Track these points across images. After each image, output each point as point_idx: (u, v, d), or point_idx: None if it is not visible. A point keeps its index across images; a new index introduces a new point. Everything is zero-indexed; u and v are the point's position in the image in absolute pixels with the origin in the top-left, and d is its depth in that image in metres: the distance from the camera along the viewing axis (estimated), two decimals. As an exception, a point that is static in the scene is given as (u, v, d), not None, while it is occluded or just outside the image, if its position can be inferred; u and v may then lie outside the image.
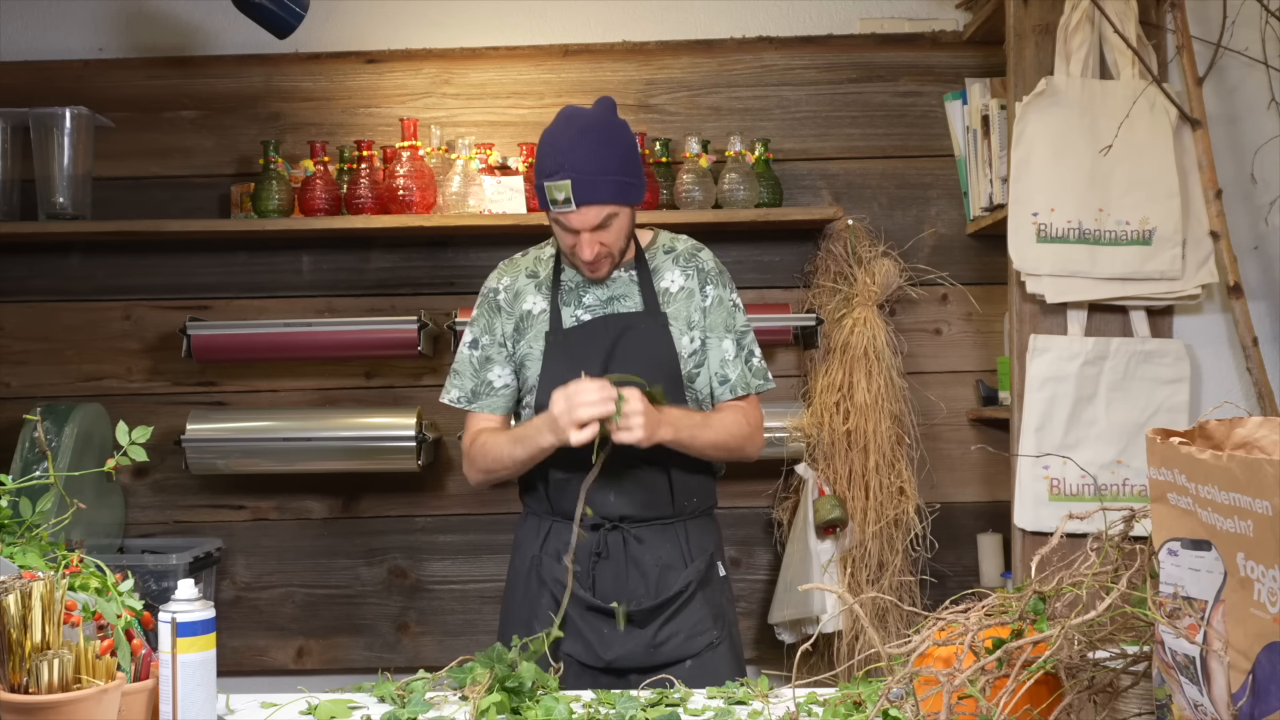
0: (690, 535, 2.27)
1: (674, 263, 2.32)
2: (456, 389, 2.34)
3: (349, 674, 3.49)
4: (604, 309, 2.28)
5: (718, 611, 2.27)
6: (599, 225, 2.17)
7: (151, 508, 3.53)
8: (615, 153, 2.18)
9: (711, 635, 2.23)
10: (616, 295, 2.29)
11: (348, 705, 1.70)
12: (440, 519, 3.53)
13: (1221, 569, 1.20)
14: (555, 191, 2.14)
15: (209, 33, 3.54)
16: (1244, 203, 2.90)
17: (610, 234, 2.20)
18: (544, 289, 2.32)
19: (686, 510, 2.28)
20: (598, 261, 2.22)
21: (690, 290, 2.30)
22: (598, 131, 2.19)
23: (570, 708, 1.63)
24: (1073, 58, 2.86)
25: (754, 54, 3.51)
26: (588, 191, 2.14)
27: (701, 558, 2.27)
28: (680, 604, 2.23)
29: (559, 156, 2.15)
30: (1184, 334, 2.91)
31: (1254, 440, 1.29)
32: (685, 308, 2.29)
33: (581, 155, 2.14)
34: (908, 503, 3.32)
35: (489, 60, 3.53)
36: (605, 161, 2.16)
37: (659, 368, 2.23)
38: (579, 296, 2.30)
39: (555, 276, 2.32)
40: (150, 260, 3.52)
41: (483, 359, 2.33)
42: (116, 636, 1.49)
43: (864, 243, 3.42)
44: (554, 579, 2.23)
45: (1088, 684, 1.38)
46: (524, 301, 2.32)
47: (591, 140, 2.16)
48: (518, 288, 2.33)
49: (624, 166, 2.19)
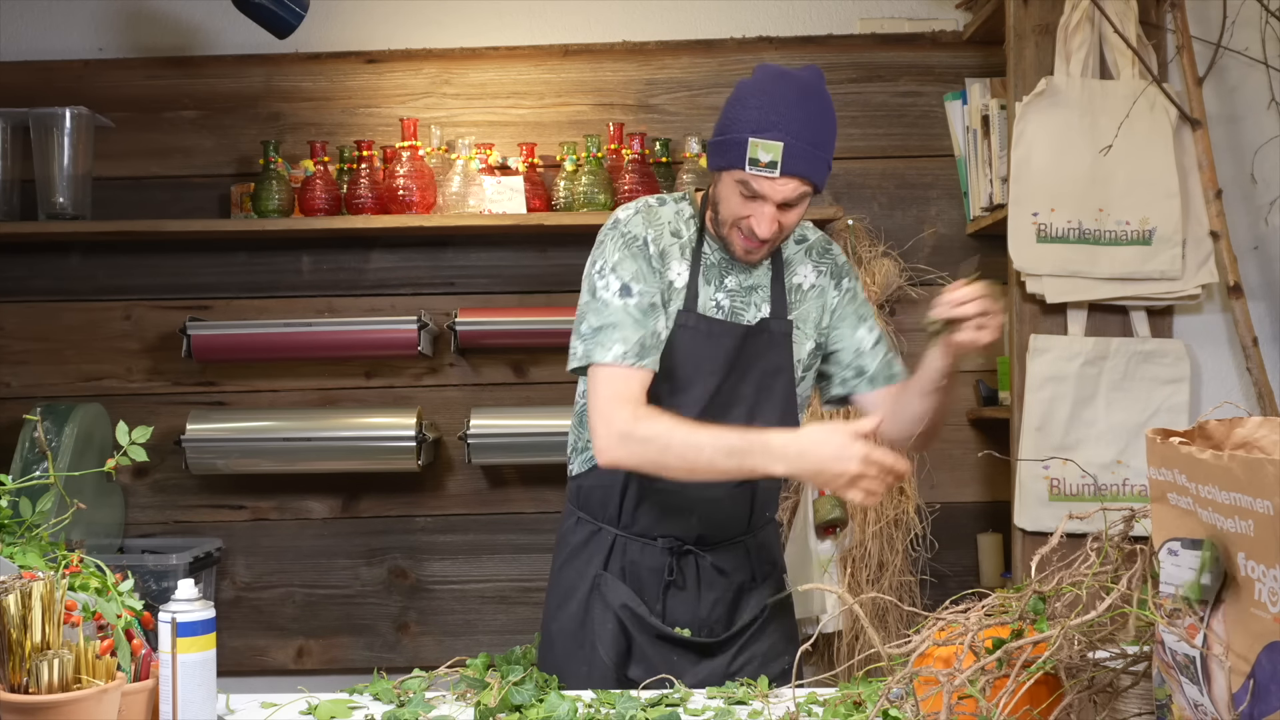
0: (760, 549, 2.12)
1: (807, 255, 2.12)
2: (619, 343, 1.93)
3: (349, 674, 3.49)
4: (743, 298, 2.05)
5: (791, 632, 2.13)
6: (788, 202, 1.93)
7: (151, 508, 3.53)
8: (830, 129, 1.95)
9: (786, 661, 2.05)
10: (756, 285, 2.06)
11: (348, 705, 1.70)
12: (440, 519, 3.53)
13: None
14: (762, 151, 1.88)
15: (209, 33, 3.54)
16: (1244, 203, 2.90)
17: (792, 216, 1.96)
18: (687, 255, 2.04)
19: (759, 524, 2.12)
20: (770, 241, 1.97)
21: (822, 288, 2.10)
22: (820, 100, 1.94)
23: (574, 706, 1.63)
24: (1073, 58, 2.86)
25: (754, 54, 3.51)
26: (798, 162, 1.89)
27: (772, 576, 2.12)
28: (755, 629, 2.07)
29: (777, 112, 1.89)
30: (1184, 334, 2.91)
31: (1254, 440, 1.29)
32: (815, 308, 2.09)
33: (801, 120, 1.90)
34: (908, 503, 3.32)
35: (489, 60, 3.53)
36: (822, 134, 1.93)
37: (773, 383, 2.04)
38: (720, 276, 2.05)
39: (698, 245, 2.05)
40: (150, 260, 3.52)
41: (644, 306, 1.97)
42: (116, 636, 1.49)
43: (864, 243, 3.42)
44: (621, 604, 2.03)
45: (1088, 684, 1.38)
46: (669, 266, 2.02)
47: (813, 107, 1.92)
48: (664, 245, 2.03)
49: (832, 146, 1.96)
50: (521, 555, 3.50)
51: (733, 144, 1.91)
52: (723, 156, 1.94)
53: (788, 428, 1.95)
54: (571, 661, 2.04)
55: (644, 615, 2.02)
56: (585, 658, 2.04)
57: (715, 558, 2.06)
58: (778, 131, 1.88)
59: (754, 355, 2.03)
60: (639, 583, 2.05)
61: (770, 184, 1.91)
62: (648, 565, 2.05)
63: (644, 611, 2.02)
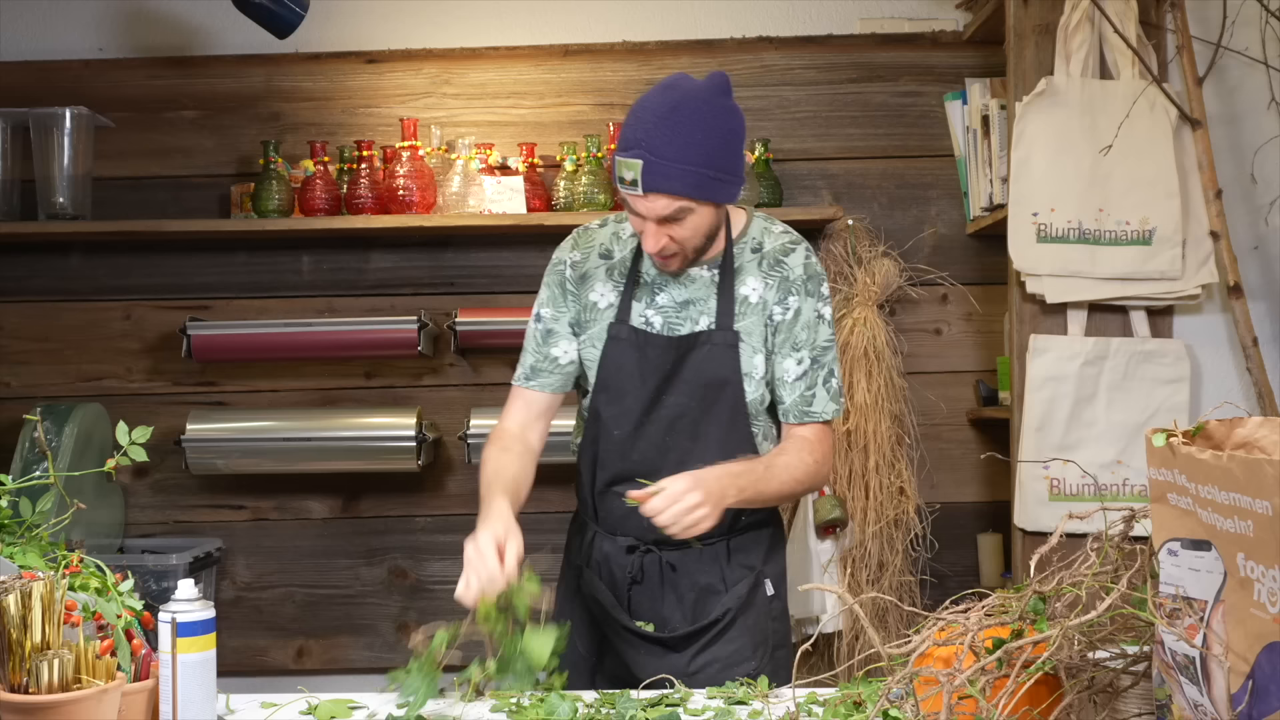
0: (733, 554, 2.08)
1: (758, 266, 2.06)
2: (520, 365, 2.12)
3: (349, 674, 3.50)
4: (678, 313, 2.05)
5: (760, 638, 2.08)
6: (668, 218, 1.91)
7: (151, 508, 3.53)
8: (704, 140, 1.88)
9: (749, 666, 2.02)
10: (694, 299, 2.05)
11: (348, 705, 1.70)
12: (440, 519, 3.53)
13: (1221, 569, 1.20)
14: (624, 169, 1.88)
15: (209, 33, 3.54)
16: (1244, 203, 2.90)
17: (682, 230, 1.93)
18: (616, 276, 2.08)
19: (735, 528, 2.08)
20: (666, 255, 1.97)
21: (765, 303, 2.04)
22: (692, 111, 1.88)
23: (575, 706, 1.63)
24: (1073, 58, 2.86)
25: (754, 54, 3.51)
26: (658, 178, 1.87)
27: (745, 579, 2.08)
28: (717, 632, 2.05)
29: (637, 130, 1.88)
30: (1184, 334, 2.90)
31: (1254, 440, 1.29)
32: (759, 323, 2.04)
33: (663, 135, 1.86)
34: (908, 503, 3.32)
35: (489, 60, 3.53)
36: (688, 149, 1.87)
37: (718, 394, 2.02)
38: (653, 292, 2.06)
39: (634, 264, 2.08)
40: (150, 260, 3.52)
41: (545, 332, 2.10)
42: (116, 636, 1.49)
43: (864, 243, 3.42)
44: (592, 597, 2.10)
45: (1088, 684, 1.38)
46: (591, 289, 2.08)
47: (681, 119, 1.87)
48: (586, 269, 2.10)
49: (710, 159, 1.89)
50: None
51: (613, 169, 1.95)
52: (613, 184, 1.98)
53: (739, 438, 2.02)
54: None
55: (609, 608, 2.08)
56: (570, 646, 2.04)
57: (676, 558, 2.07)
58: (637, 149, 1.87)
59: (694, 367, 2.02)
60: (610, 577, 2.11)
61: (639, 201, 1.90)
62: (616, 561, 2.10)
63: (610, 604, 2.08)
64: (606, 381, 2.05)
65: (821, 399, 2.06)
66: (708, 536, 2.00)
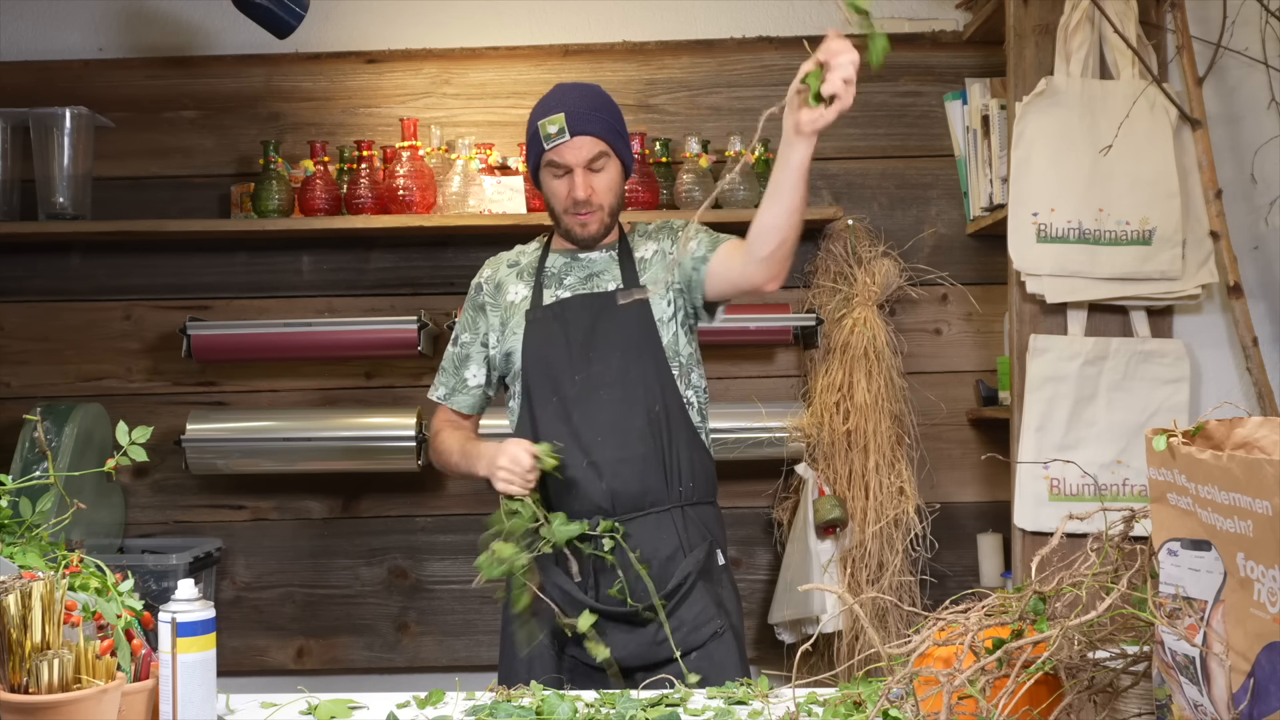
0: (688, 523, 2.22)
1: (645, 238, 2.35)
2: (441, 385, 2.42)
3: (349, 674, 3.50)
4: (584, 287, 2.29)
5: (718, 600, 2.22)
6: (591, 162, 2.22)
7: (151, 508, 3.53)
8: (607, 105, 2.28)
9: (715, 625, 2.19)
10: (596, 273, 2.30)
11: (348, 705, 1.70)
12: (440, 519, 3.54)
13: (1221, 569, 1.20)
14: (549, 126, 2.21)
15: (209, 33, 3.54)
16: (1244, 203, 2.90)
17: (601, 180, 2.25)
18: (525, 275, 2.34)
19: (683, 497, 2.22)
20: (590, 209, 2.25)
21: (661, 249, 2.32)
22: (588, 88, 2.31)
23: (575, 707, 1.63)
24: (1073, 58, 2.86)
25: (754, 54, 3.51)
26: (581, 123, 2.21)
27: (700, 546, 2.22)
28: (680, 597, 2.18)
29: (550, 101, 2.25)
30: (1184, 334, 2.90)
31: (1254, 440, 1.29)
32: (660, 269, 2.29)
33: (573, 97, 2.25)
34: (908, 503, 3.32)
35: (489, 60, 3.53)
36: (598, 106, 2.25)
37: (639, 344, 2.23)
38: (560, 279, 2.31)
39: (540, 264, 2.34)
40: (150, 260, 3.52)
41: (461, 356, 2.39)
42: (116, 636, 1.49)
43: (864, 243, 3.42)
44: (553, 584, 2.18)
45: (1088, 684, 1.38)
46: (506, 292, 2.34)
47: (585, 90, 2.28)
48: (499, 279, 2.37)
49: (615, 116, 2.27)
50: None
51: (531, 141, 2.26)
52: (532, 158, 2.28)
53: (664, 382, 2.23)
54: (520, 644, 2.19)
55: (571, 591, 2.15)
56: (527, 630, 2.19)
57: (637, 531, 2.18)
58: (558, 108, 2.22)
59: (612, 328, 2.23)
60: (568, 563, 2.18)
61: (565, 149, 2.22)
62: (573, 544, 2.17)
63: (571, 587, 2.16)
64: (534, 356, 2.25)
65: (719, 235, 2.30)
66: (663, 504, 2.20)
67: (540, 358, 2.24)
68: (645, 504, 2.20)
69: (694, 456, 2.25)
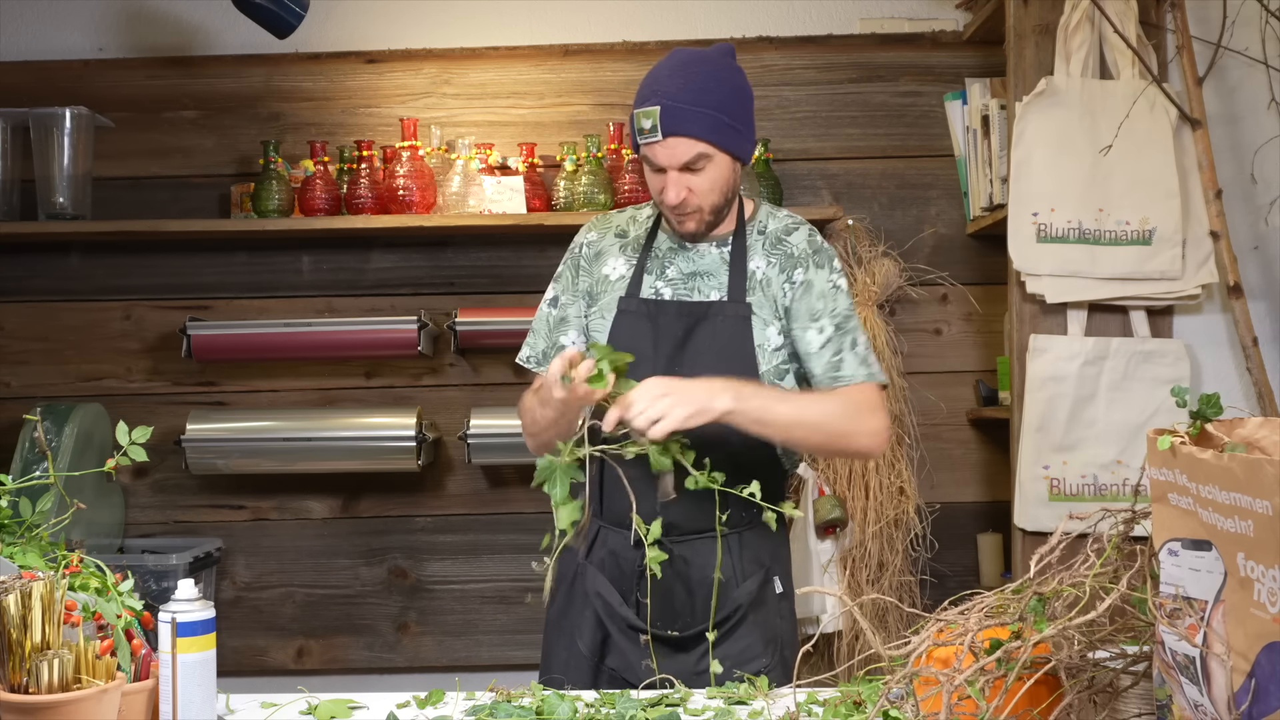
0: (745, 548, 2.04)
1: (762, 246, 2.09)
2: (529, 347, 2.17)
3: (349, 674, 3.50)
4: (687, 284, 2.07)
5: (771, 635, 2.05)
6: (687, 165, 1.96)
7: (151, 508, 3.53)
8: (716, 88, 1.96)
9: (760, 663, 2.00)
10: (703, 271, 2.08)
11: (348, 705, 1.70)
12: (440, 519, 3.53)
13: (1222, 569, 1.20)
14: (643, 119, 1.95)
15: (209, 33, 3.54)
16: (1244, 203, 2.90)
17: (701, 180, 1.98)
18: (629, 251, 2.12)
19: (744, 521, 2.01)
20: (686, 211, 2.01)
21: (769, 279, 2.06)
22: (703, 65, 1.99)
23: (574, 706, 1.63)
24: (1073, 58, 2.86)
25: (754, 54, 3.51)
26: (677, 121, 1.94)
27: (755, 576, 2.04)
28: (729, 629, 2.01)
29: (653, 83, 1.97)
30: (1184, 334, 2.90)
31: (1254, 440, 1.29)
32: (768, 297, 2.05)
33: (677, 83, 1.95)
34: (908, 503, 3.32)
35: (489, 60, 3.53)
36: (702, 94, 1.95)
37: (734, 365, 2.00)
38: (663, 265, 2.09)
39: (649, 240, 2.11)
40: (150, 260, 3.52)
41: (558, 319, 2.15)
42: (116, 636, 1.49)
43: (864, 243, 3.42)
44: (595, 593, 2.06)
45: (1088, 684, 1.38)
46: (604, 264, 2.13)
47: (693, 72, 1.97)
48: (601, 246, 2.15)
49: (725, 105, 1.96)
50: (521, 555, 3.50)
51: (631, 125, 2.00)
52: (633, 145, 2.03)
53: None
54: (555, 648, 2.10)
55: (615, 605, 2.04)
56: (566, 644, 2.09)
57: (687, 551, 2.01)
58: (654, 99, 1.95)
59: (707, 338, 2.02)
60: (618, 573, 2.06)
61: (658, 149, 1.97)
62: (625, 556, 2.05)
63: (616, 601, 2.04)
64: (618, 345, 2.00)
65: (851, 363, 2.03)
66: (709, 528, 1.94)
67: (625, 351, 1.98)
68: (702, 526, 1.97)
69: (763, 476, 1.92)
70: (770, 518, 1.87)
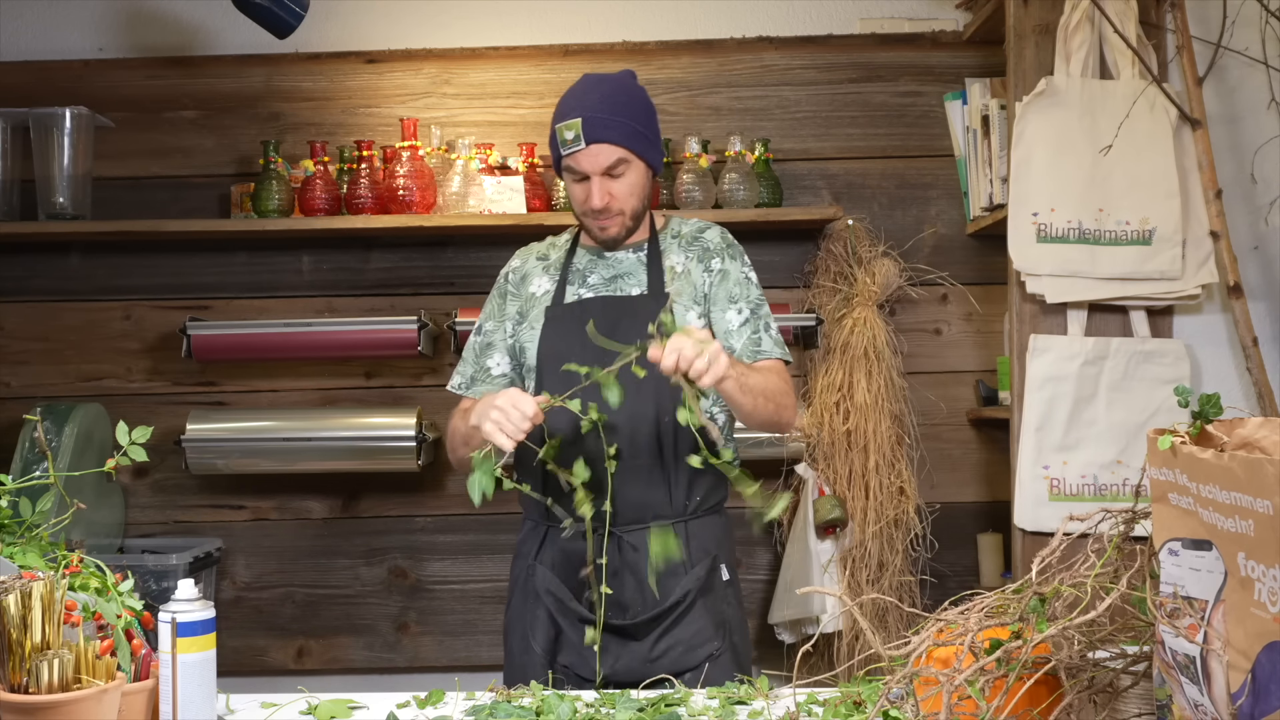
0: (692, 538, 2.12)
1: (678, 246, 2.25)
2: (459, 375, 2.32)
3: (349, 674, 3.50)
4: (609, 287, 2.22)
5: (719, 619, 2.13)
6: (609, 170, 2.14)
7: (151, 508, 3.53)
8: (630, 103, 2.17)
9: (713, 646, 2.10)
10: (622, 274, 2.23)
11: (348, 705, 1.70)
12: (440, 519, 3.53)
13: (1222, 569, 1.20)
14: (565, 132, 2.13)
15: (209, 33, 3.54)
16: (1244, 203, 2.90)
17: (621, 186, 2.16)
18: (552, 270, 2.28)
19: (688, 510, 2.13)
20: (609, 215, 2.16)
21: (689, 270, 2.21)
22: (615, 83, 2.20)
23: (574, 707, 1.63)
24: (1073, 58, 2.86)
25: (754, 54, 3.51)
26: (598, 130, 2.12)
27: (702, 562, 2.12)
28: (679, 614, 2.09)
29: (571, 100, 2.16)
30: (1184, 334, 2.90)
31: (1254, 440, 1.29)
32: (688, 286, 2.19)
33: (594, 98, 2.15)
34: (908, 503, 3.32)
35: (489, 60, 3.53)
36: (619, 107, 2.15)
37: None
38: (584, 276, 2.25)
39: (568, 258, 2.28)
40: (150, 260, 3.52)
41: (484, 345, 2.30)
42: (116, 636, 1.49)
43: (864, 243, 3.42)
44: (546, 590, 2.14)
45: (1088, 684, 1.38)
46: (530, 284, 2.29)
47: (607, 89, 2.17)
48: (526, 270, 2.31)
49: (638, 117, 2.17)
50: (521, 555, 3.50)
51: (551, 143, 2.17)
52: (553, 156, 2.18)
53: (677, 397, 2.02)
54: (513, 649, 2.17)
55: (565, 599, 2.11)
56: (522, 646, 2.15)
57: (639, 542, 2.08)
58: (575, 112, 2.13)
59: (632, 332, 2.05)
60: (569, 569, 2.12)
61: (581, 156, 2.13)
62: (575, 550, 2.10)
63: (565, 595, 2.11)
64: (549, 353, 2.17)
65: (768, 343, 2.19)
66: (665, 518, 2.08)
67: (555, 355, 2.15)
68: (646, 516, 2.10)
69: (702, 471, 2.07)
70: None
